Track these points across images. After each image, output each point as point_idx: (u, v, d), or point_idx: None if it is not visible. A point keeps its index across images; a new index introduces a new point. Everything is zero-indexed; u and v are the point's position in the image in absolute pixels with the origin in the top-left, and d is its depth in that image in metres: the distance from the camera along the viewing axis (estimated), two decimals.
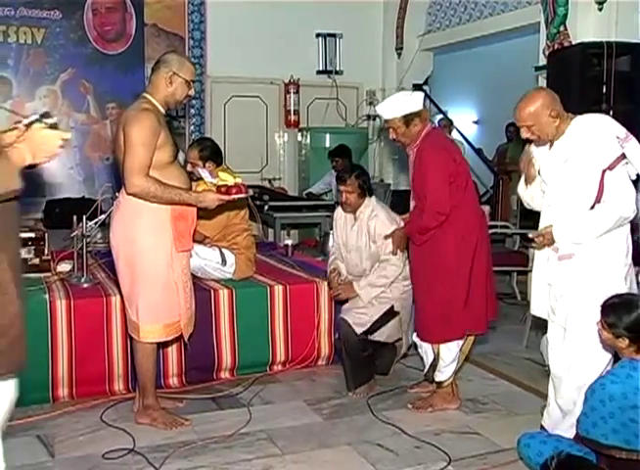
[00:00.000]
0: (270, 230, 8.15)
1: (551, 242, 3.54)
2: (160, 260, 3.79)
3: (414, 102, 4.20)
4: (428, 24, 9.62)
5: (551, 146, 3.58)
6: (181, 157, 4.61)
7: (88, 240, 4.93)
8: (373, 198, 4.73)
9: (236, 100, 9.25)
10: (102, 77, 8.99)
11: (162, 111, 3.78)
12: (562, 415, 3.64)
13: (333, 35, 9.56)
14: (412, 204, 4.41)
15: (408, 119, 4.16)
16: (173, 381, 4.65)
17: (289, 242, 6.35)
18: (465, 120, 12.38)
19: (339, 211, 4.89)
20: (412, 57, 9.50)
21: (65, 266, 5.09)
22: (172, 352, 4.58)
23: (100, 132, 9.12)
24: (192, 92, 3.87)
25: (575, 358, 3.52)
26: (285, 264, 5.72)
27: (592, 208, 3.41)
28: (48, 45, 8.78)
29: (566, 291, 3.55)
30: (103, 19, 8.99)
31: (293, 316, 4.96)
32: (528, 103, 3.45)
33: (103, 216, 4.95)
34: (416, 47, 9.59)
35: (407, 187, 6.13)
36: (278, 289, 4.94)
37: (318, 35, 9.56)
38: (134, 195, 3.68)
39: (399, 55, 9.77)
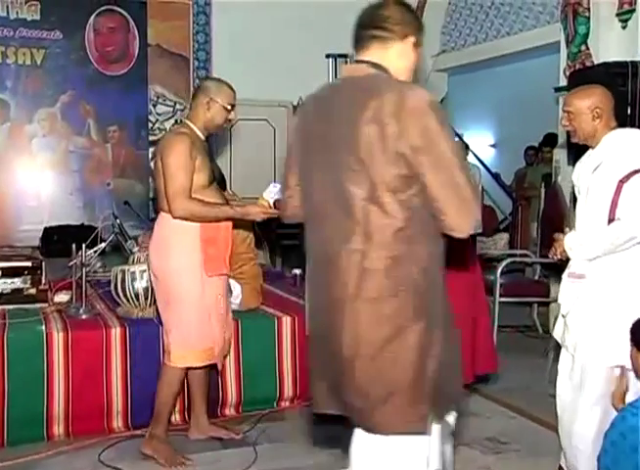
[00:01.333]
0: (278, 259, 7.96)
1: (563, 251, 3.39)
2: (193, 283, 3.83)
3: None
4: (442, 44, 9.50)
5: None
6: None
7: (87, 269, 4.85)
8: None
9: (242, 123, 8.95)
10: (103, 99, 8.74)
11: (202, 136, 3.90)
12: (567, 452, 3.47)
13: (343, 56, 9.33)
14: None
15: None
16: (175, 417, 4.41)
17: (297, 271, 6.12)
18: (481, 144, 12.16)
19: None
20: (426, 77, 9.29)
21: (62, 297, 5.01)
22: None
23: (101, 156, 8.84)
24: (232, 116, 3.93)
25: (579, 391, 3.36)
26: (293, 295, 5.55)
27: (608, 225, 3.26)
28: (48, 66, 8.54)
29: (573, 314, 3.39)
30: (105, 39, 8.77)
31: (301, 349, 4.73)
32: (581, 92, 3.44)
33: (103, 245, 4.90)
34: (430, 67, 9.43)
35: None
36: (286, 320, 4.80)
37: (328, 56, 9.30)
38: (181, 218, 3.77)
39: None
